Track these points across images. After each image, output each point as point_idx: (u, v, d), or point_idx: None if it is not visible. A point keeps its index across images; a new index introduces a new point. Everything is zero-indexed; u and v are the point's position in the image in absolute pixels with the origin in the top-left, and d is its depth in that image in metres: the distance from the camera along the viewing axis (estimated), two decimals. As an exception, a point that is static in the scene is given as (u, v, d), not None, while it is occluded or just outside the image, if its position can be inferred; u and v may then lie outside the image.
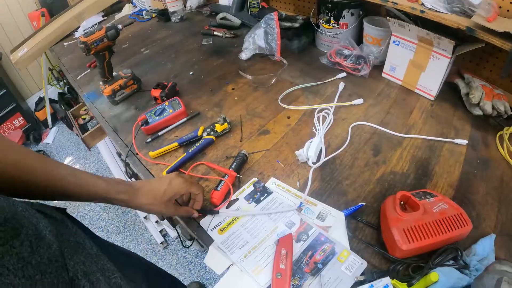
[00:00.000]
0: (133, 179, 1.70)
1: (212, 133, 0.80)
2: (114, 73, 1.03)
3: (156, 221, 1.66)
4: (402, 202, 0.57)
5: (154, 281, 0.81)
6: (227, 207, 0.62)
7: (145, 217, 1.69)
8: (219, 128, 0.80)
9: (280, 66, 1.05)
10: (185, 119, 0.87)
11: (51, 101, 2.62)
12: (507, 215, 0.61)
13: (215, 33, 1.33)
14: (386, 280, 0.50)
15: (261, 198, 0.63)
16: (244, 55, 1.14)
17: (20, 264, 0.28)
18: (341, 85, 0.93)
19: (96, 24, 1.53)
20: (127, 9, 1.61)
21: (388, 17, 0.85)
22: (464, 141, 0.76)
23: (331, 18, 1.03)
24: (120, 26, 0.94)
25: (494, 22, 0.69)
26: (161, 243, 1.64)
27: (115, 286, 0.42)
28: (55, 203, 0.50)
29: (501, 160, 0.73)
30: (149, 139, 0.83)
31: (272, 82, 0.98)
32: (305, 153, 0.68)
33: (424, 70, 0.86)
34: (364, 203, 0.60)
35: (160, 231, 1.67)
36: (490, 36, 0.68)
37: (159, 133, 0.85)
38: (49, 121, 2.60)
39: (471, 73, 0.91)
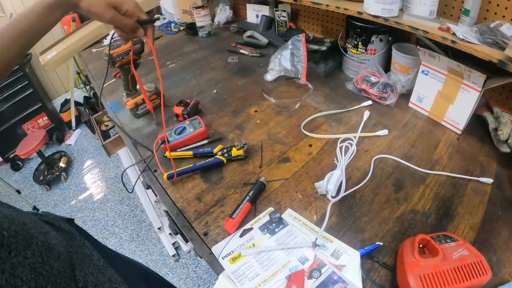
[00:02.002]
0: (149, 189, 1.78)
1: (226, 155, 0.84)
2: (138, 87, 1.10)
3: (170, 233, 1.72)
4: (421, 246, 0.59)
5: None
6: (240, 236, 0.66)
7: (159, 228, 1.76)
8: (234, 152, 0.84)
9: (304, 90, 1.09)
10: (206, 141, 0.92)
11: (77, 103, 2.79)
12: (530, 263, 0.61)
13: (241, 51, 1.39)
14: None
15: (276, 230, 0.66)
16: (269, 76, 1.19)
17: (32, 275, 0.29)
18: (366, 114, 0.95)
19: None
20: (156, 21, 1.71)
21: (418, 46, 0.87)
22: (489, 180, 0.76)
23: (359, 43, 1.07)
24: None
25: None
26: (173, 255, 1.69)
27: None
28: (63, 214, 0.55)
29: (528, 203, 0.73)
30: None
31: (296, 107, 1.02)
32: (325, 186, 0.71)
33: (453, 103, 0.87)
34: (381, 243, 0.62)
35: (173, 244, 1.73)
36: (523, 70, 0.69)
37: (177, 150, 0.90)
38: (73, 123, 2.76)
39: (500, 106, 0.91)
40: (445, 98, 0.88)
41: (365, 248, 0.62)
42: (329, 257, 0.61)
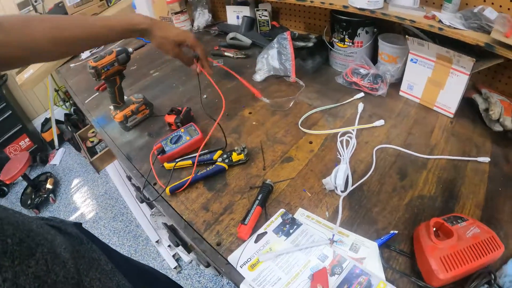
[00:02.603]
0: (144, 203, 1.75)
1: (227, 160, 0.83)
2: (125, 98, 1.07)
3: (169, 246, 1.69)
4: (434, 229, 0.61)
5: None
6: (255, 242, 0.65)
7: (156, 241, 1.73)
8: (235, 157, 0.83)
9: (295, 87, 1.10)
10: (206, 150, 0.90)
11: (58, 122, 2.70)
12: (535, 233, 0.64)
13: (226, 53, 1.39)
14: (424, 309, 0.53)
15: (291, 231, 0.66)
16: (258, 77, 1.19)
17: (36, 283, 0.29)
18: (360, 106, 0.97)
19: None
20: (134, 30, 1.68)
21: (407, 36, 0.89)
22: (486, 159, 0.80)
23: (346, 36, 1.08)
24: (131, 50, 0.98)
25: (512, 37, 0.73)
26: (175, 267, 1.67)
27: None
28: (71, 218, 0.54)
29: (524, 176, 0.77)
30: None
31: (290, 105, 1.02)
32: (333, 181, 0.72)
33: (443, 88, 0.90)
34: (396, 232, 0.64)
35: (173, 255, 1.70)
36: (510, 51, 0.72)
37: (176, 160, 0.88)
38: (56, 142, 2.68)
39: (487, 87, 0.95)
40: (435, 84, 0.91)
41: (382, 238, 0.63)
42: (348, 252, 0.61)
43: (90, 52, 1.56)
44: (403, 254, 0.62)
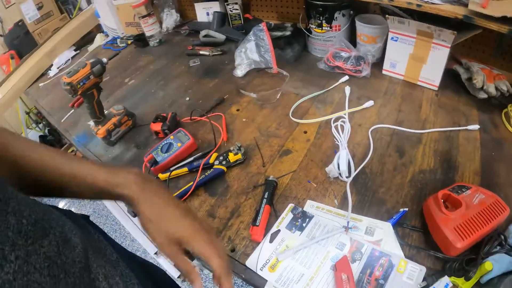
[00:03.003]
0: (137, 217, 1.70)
1: (224, 162, 0.81)
2: (106, 111, 1.02)
3: (169, 255, 1.66)
4: (443, 201, 0.62)
5: None
6: (270, 242, 0.64)
7: (155, 253, 1.69)
8: (232, 158, 0.81)
9: (279, 78, 1.09)
10: (200, 154, 0.87)
11: (33, 145, 2.55)
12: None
13: (201, 52, 1.35)
14: (445, 279, 0.55)
15: (304, 225, 0.65)
16: (239, 72, 1.16)
17: (46, 263, 0.30)
18: (347, 89, 0.98)
19: (69, 59, 1.51)
20: (99, 40, 1.60)
21: (387, 15, 0.90)
22: (476, 126, 0.83)
23: (323, 21, 1.08)
24: (105, 60, 0.93)
25: (489, 8, 0.75)
26: (178, 277, 1.64)
27: None
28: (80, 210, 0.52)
29: (512, 138, 0.81)
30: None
31: (277, 97, 1.01)
32: (336, 168, 0.72)
33: (426, 63, 0.92)
34: (406, 209, 0.65)
35: (174, 265, 1.66)
36: (488, 21, 0.74)
37: (171, 169, 0.85)
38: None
39: (465, 57, 0.98)
40: (418, 60, 0.93)
41: (394, 218, 0.64)
42: (364, 236, 0.62)
43: (58, 68, 1.47)
44: (416, 230, 0.63)
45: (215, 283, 0.44)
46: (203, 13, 1.53)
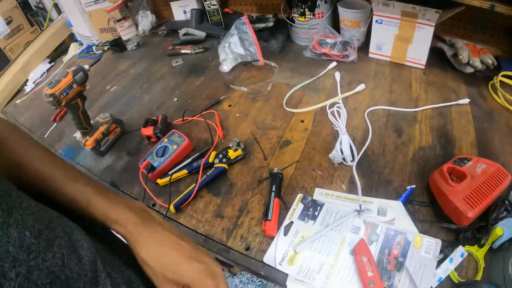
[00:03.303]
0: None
1: (224, 160, 0.80)
2: (92, 121, 0.98)
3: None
4: (448, 174, 0.64)
5: None
6: (284, 235, 0.63)
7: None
8: (232, 154, 0.80)
9: (267, 70, 1.08)
10: (198, 154, 0.85)
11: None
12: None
13: (182, 51, 1.32)
14: (460, 249, 0.56)
15: (316, 213, 0.65)
16: (225, 67, 1.14)
17: (49, 279, 0.29)
18: (337, 75, 0.98)
19: (45, 72, 1.44)
20: (74, 49, 1.53)
21: (371, -1, 0.91)
22: (466, 100, 0.85)
23: (306, 10, 1.08)
24: (87, 67, 0.89)
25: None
26: None
27: None
28: None
29: (501, 108, 0.84)
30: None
31: (268, 89, 1.00)
32: (339, 154, 0.72)
33: (411, 43, 0.94)
34: (414, 186, 0.66)
35: None
36: (471, -2, 0.77)
37: (169, 173, 0.83)
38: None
39: (447, 34, 1.01)
40: (403, 40, 0.95)
41: (403, 196, 0.65)
42: (377, 217, 0.62)
43: (34, 82, 1.39)
44: (425, 205, 0.64)
45: None
46: (180, 11, 1.49)
